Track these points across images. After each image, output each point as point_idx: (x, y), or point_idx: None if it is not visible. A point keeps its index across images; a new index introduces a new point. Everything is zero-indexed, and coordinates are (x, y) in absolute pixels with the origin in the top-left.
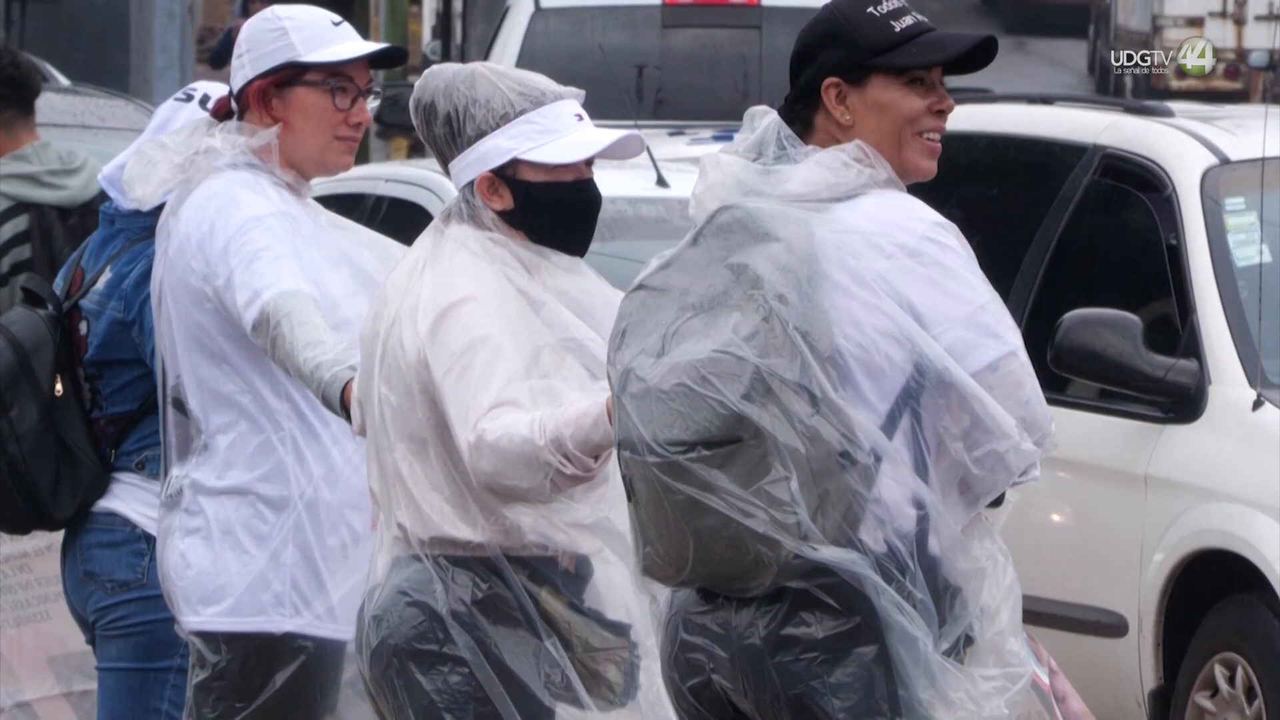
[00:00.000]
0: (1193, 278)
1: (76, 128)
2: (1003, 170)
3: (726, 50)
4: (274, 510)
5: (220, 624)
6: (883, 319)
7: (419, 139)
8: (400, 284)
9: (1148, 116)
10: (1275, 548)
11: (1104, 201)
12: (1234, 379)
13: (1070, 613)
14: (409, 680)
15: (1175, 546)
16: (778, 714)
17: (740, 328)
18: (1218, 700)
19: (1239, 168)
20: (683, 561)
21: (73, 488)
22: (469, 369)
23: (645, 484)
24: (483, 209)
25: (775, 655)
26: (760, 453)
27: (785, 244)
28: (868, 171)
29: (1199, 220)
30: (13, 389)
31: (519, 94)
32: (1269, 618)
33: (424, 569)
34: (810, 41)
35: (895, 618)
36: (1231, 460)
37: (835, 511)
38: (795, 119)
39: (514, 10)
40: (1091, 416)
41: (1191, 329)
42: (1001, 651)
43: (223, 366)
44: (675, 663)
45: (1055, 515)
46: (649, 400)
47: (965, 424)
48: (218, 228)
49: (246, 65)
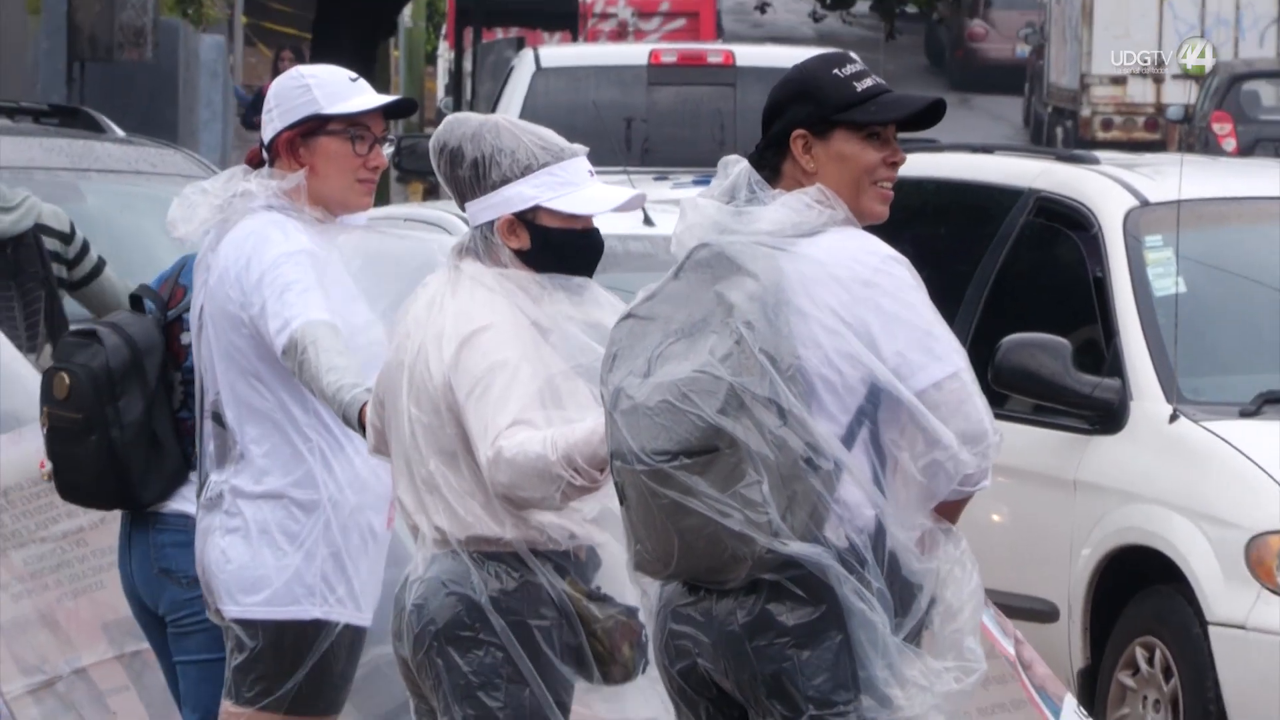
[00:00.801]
0: (1116, 306)
1: (131, 173)
2: (949, 211)
3: (705, 105)
4: (305, 512)
5: (258, 612)
6: (840, 341)
7: (434, 183)
8: (420, 316)
9: (1076, 164)
10: (1189, 544)
11: (1038, 239)
12: (1153, 396)
13: (1008, 601)
14: (448, 661)
15: (1101, 543)
16: (755, 692)
17: (716, 350)
18: (1138, 679)
19: (1157, 209)
20: (669, 557)
21: (158, 475)
22: (489, 390)
23: (635, 490)
24: (500, 246)
25: (753, 640)
26: (735, 460)
27: (755, 277)
28: (828, 212)
29: (1122, 255)
30: (124, 382)
31: (541, 148)
32: (1183, 606)
33: (461, 563)
34: (781, 97)
35: (856, 605)
36: (1150, 467)
37: (802, 511)
38: (765, 165)
39: (518, 70)
40: (1027, 428)
41: (1115, 351)
42: (960, 648)
43: (257, 385)
44: (665, 649)
45: (995, 515)
46: (637, 416)
47: (910, 436)
48: (253, 262)
49: (275, 119)
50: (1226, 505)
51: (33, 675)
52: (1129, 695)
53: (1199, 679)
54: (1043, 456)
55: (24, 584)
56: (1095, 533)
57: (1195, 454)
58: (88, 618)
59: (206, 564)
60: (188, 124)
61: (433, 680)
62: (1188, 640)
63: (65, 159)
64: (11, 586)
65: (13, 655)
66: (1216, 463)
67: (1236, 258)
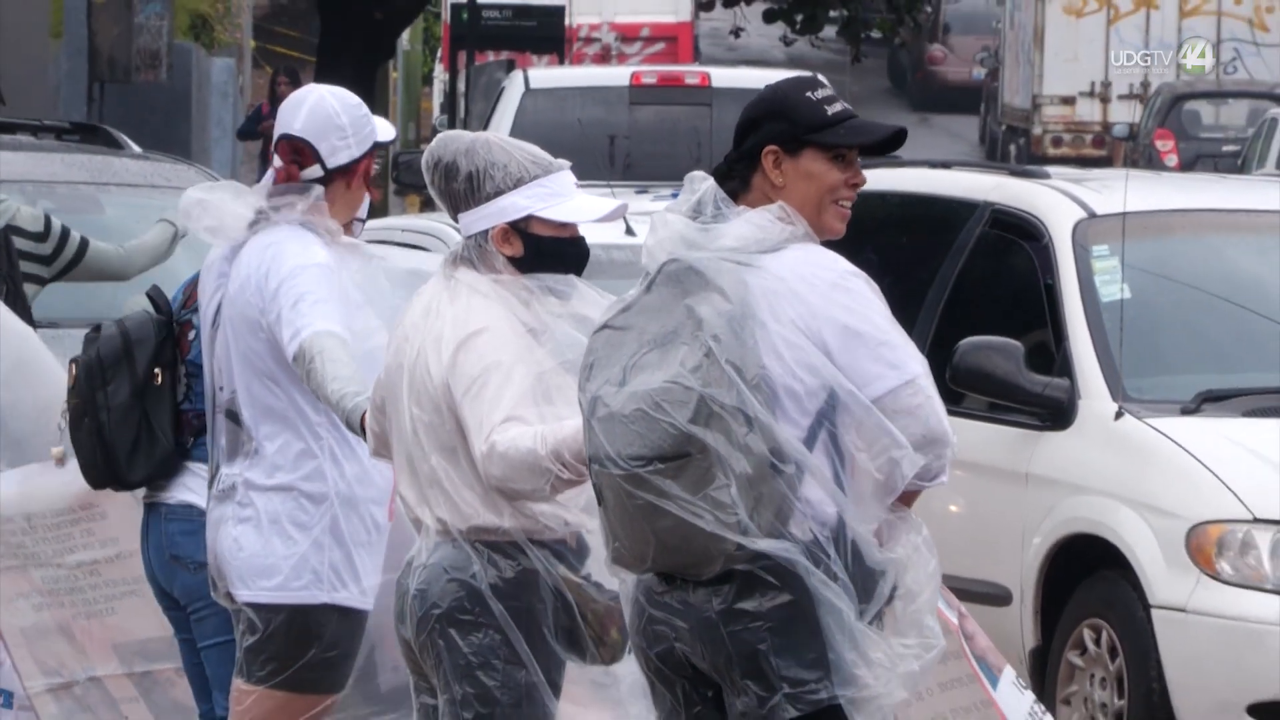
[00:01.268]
0: (1065, 311)
1: (147, 187)
2: (910, 222)
3: (683, 123)
4: (314, 504)
5: (270, 597)
6: (800, 353)
7: (429, 196)
8: (418, 322)
9: (1028, 178)
10: (1134, 533)
11: (992, 248)
12: (1099, 394)
13: (965, 585)
14: (449, 642)
15: (1051, 532)
16: (731, 673)
17: (687, 361)
18: (1086, 658)
19: (1104, 220)
20: (645, 554)
21: (146, 460)
22: (484, 389)
23: (612, 492)
24: (494, 254)
25: (728, 625)
26: (706, 465)
27: (722, 292)
28: (789, 228)
29: (1070, 264)
30: (114, 369)
31: (531, 162)
32: (1128, 590)
33: (462, 552)
34: (756, 114)
35: (823, 593)
36: (1097, 461)
37: (768, 510)
38: (734, 176)
39: (508, 91)
40: (982, 425)
41: (1064, 353)
42: (920, 626)
43: (272, 386)
44: (643, 634)
45: (953, 505)
46: (613, 423)
47: (868, 437)
48: (272, 272)
49: (353, 145)
50: (1168, 497)
51: (52, 677)
52: (1077, 673)
53: (1143, 658)
54: (997, 451)
55: (43, 597)
56: (1046, 522)
57: (1139, 449)
58: (100, 636)
59: (219, 551)
60: (200, 141)
61: (433, 660)
62: (1132, 622)
63: (86, 173)
64: (33, 598)
65: (34, 656)
66: (1159, 457)
67: (1178, 266)
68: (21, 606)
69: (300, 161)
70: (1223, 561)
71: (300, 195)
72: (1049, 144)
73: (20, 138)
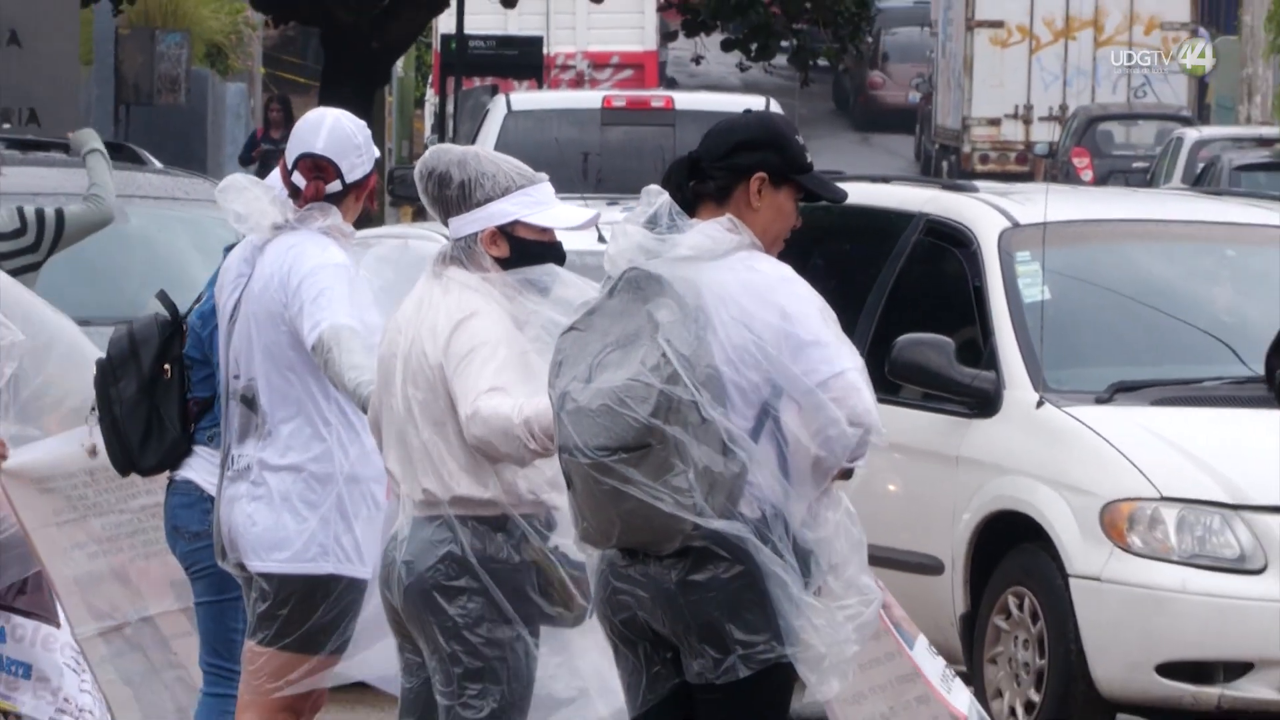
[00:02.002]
0: (992, 311)
1: (168, 199)
2: (853, 231)
3: (649, 142)
4: (321, 484)
5: (281, 567)
6: (745, 350)
7: (421, 206)
8: (411, 315)
9: (959, 192)
10: (1053, 510)
11: (927, 254)
12: (1022, 385)
13: (902, 556)
14: (435, 607)
15: (979, 508)
16: (689, 637)
17: (646, 360)
18: (1010, 622)
19: (1026, 229)
20: (610, 533)
21: (157, 447)
22: (472, 362)
23: (580, 478)
24: (483, 254)
25: (685, 595)
26: (665, 454)
27: (677, 296)
28: (736, 238)
29: (996, 268)
30: (123, 367)
31: (517, 173)
32: (1048, 562)
33: (446, 523)
34: (754, 138)
35: (771, 568)
36: (1020, 445)
37: (721, 493)
38: (711, 179)
39: (492, 112)
40: (918, 413)
41: (991, 348)
42: (856, 586)
43: (290, 375)
44: (608, 603)
45: (891, 485)
46: (581, 416)
47: (806, 417)
48: (294, 270)
49: (366, 162)
50: (1084, 477)
51: (103, 620)
52: (1003, 636)
53: (1061, 622)
54: (930, 436)
55: (99, 545)
56: (974, 500)
57: (1058, 434)
58: (157, 576)
59: (233, 525)
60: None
61: (419, 625)
62: (1052, 590)
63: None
64: (88, 546)
65: (86, 603)
66: (1076, 442)
67: (1093, 270)
68: (76, 556)
69: (323, 177)
70: (1133, 535)
71: (322, 213)
72: (977, 161)
73: (54, 154)
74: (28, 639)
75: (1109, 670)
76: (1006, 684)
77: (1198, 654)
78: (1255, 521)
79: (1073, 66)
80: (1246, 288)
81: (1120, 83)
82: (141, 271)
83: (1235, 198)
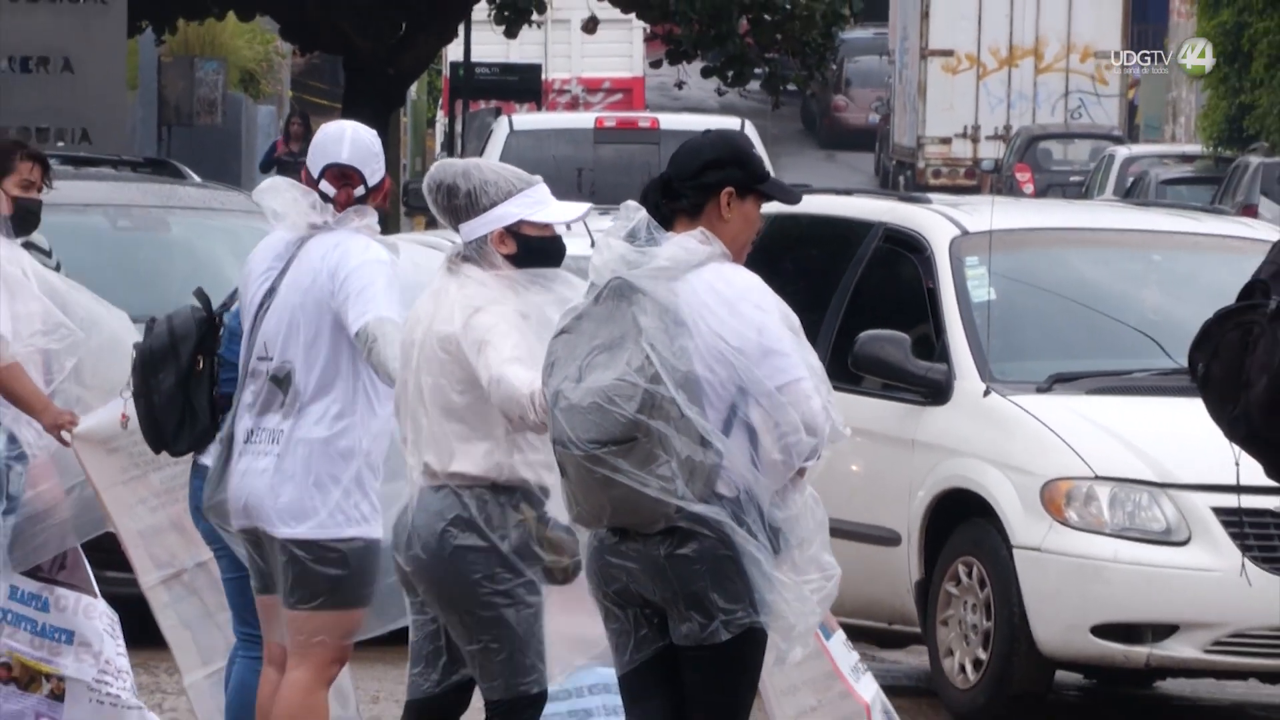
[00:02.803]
0: (943, 309)
1: (205, 210)
2: (819, 238)
3: (637, 158)
4: (344, 458)
5: (311, 533)
6: (716, 353)
7: (433, 216)
8: (427, 308)
9: (914, 203)
10: (998, 488)
11: (885, 259)
12: (971, 376)
13: (864, 530)
14: (446, 566)
15: (932, 486)
16: (677, 605)
17: (632, 362)
18: (960, 588)
19: (974, 237)
20: (601, 515)
21: (189, 434)
22: (490, 341)
23: (573, 467)
24: (493, 253)
25: (674, 568)
26: (650, 446)
27: (658, 303)
28: (708, 249)
29: (948, 272)
30: (161, 361)
31: (516, 178)
32: (994, 534)
33: (449, 492)
34: (719, 156)
35: (745, 547)
36: (969, 430)
37: (700, 480)
38: (684, 196)
39: (496, 132)
40: (878, 401)
41: (943, 343)
42: (819, 562)
43: (326, 358)
44: (601, 575)
45: (854, 466)
46: (574, 413)
47: (769, 422)
48: (340, 264)
49: (382, 168)
50: (1026, 458)
51: (164, 569)
52: (953, 600)
53: (1006, 588)
54: (889, 422)
55: (159, 498)
56: (928, 479)
57: (1003, 420)
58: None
59: (251, 493)
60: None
61: (430, 584)
62: (998, 560)
63: (156, 199)
64: (149, 501)
65: (150, 554)
66: (1019, 426)
67: (1035, 273)
68: (139, 511)
69: (350, 184)
70: (1070, 511)
71: (358, 214)
72: (930, 176)
73: (104, 169)
74: (70, 608)
75: (1049, 631)
76: (957, 644)
77: (1128, 617)
78: (1179, 498)
79: (1016, 91)
80: (1171, 289)
81: (1058, 105)
82: (182, 274)
83: (1161, 208)
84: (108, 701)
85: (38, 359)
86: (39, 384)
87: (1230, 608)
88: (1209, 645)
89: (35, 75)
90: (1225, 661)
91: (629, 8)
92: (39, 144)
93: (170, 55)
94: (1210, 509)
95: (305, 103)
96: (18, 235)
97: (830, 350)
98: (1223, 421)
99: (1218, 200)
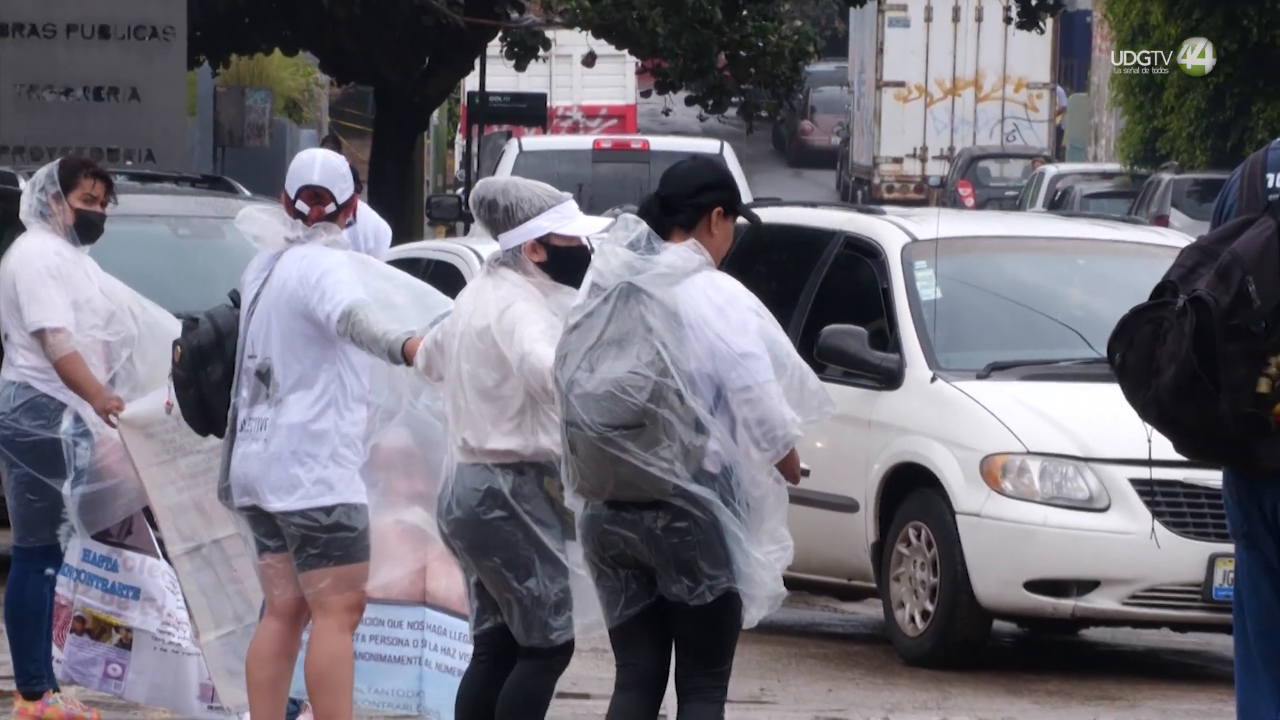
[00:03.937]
0: (896, 307)
1: None
2: (788, 245)
3: (630, 176)
4: (317, 440)
5: (299, 504)
6: (705, 350)
7: (452, 226)
8: (468, 304)
9: (871, 214)
10: (944, 462)
11: (846, 264)
12: (919, 365)
13: (826, 498)
14: (480, 529)
15: (886, 460)
16: (668, 569)
17: (642, 356)
18: (911, 549)
19: (923, 244)
20: (604, 489)
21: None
22: (521, 326)
23: (584, 446)
24: (526, 261)
25: (668, 539)
26: (655, 432)
27: (662, 305)
28: (700, 258)
29: (900, 274)
30: (210, 354)
31: (548, 194)
32: (940, 501)
33: (483, 467)
34: (711, 179)
35: (730, 526)
36: (918, 412)
37: (693, 461)
38: (681, 212)
39: (507, 153)
40: (839, 386)
41: (895, 336)
42: (776, 535)
43: (302, 355)
44: (599, 541)
45: (818, 443)
46: (588, 400)
47: (744, 415)
48: (310, 269)
49: (350, 187)
50: (967, 436)
51: (188, 542)
52: (904, 559)
53: (950, 549)
54: (850, 405)
55: (185, 481)
56: (883, 454)
57: (947, 402)
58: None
59: (247, 473)
60: None
61: (468, 545)
62: (943, 524)
63: (212, 210)
64: (177, 482)
65: (176, 528)
66: (961, 408)
67: (975, 275)
68: (169, 490)
69: (322, 202)
70: (1005, 481)
71: (325, 230)
72: (884, 191)
73: (166, 184)
74: (136, 568)
75: (987, 586)
76: (908, 597)
77: (1056, 574)
78: (1100, 470)
79: (958, 117)
80: (1094, 288)
81: (995, 129)
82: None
83: (1085, 219)
84: (170, 649)
85: (100, 349)
86: (101, 372)
87: (1144, 566)
88: (1126, 599)
89: (106, 103)
90: (1140, 613)
91: (623, 44)
92: (109, 163)
93: (224, 85)
94: (1127, 480)
95: (342, 128)
96: (82, 244)
97: (797, 343)
98: (1137, 404)
99: (1134, 212)
